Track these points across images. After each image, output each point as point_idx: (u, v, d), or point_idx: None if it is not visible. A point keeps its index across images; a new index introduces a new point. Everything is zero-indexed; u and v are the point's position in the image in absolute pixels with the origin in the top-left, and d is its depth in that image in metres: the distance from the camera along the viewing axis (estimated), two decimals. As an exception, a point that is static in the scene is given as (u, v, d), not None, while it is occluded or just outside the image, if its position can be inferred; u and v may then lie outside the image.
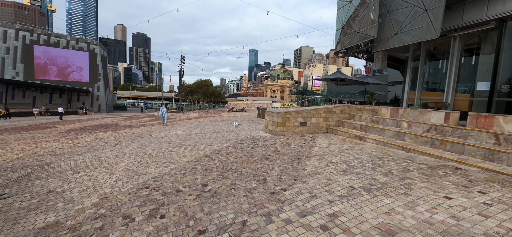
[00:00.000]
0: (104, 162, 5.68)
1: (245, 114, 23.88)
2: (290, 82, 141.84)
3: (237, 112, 28.97)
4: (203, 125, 13.55)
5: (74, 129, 14.27)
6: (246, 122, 14.97)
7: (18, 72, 38.58)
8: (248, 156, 5.90)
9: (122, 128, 13.97)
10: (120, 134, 10.85)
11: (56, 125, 17.07)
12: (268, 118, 9.79)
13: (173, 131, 11.04)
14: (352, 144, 7.67)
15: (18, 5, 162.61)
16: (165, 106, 15.45)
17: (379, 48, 11.33)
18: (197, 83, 37.32)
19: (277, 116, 9.10)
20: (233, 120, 16.51)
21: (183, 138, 8.76)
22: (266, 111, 10.13)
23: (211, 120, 16.87)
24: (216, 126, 12.63)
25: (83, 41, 44.18)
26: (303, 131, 9.84)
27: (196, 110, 36.32)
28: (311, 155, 5.98)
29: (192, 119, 19.43)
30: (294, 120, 9.49)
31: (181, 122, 16.00)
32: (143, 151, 6.74)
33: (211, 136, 9.21)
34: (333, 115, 10.65)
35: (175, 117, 24.45)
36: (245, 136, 9.14)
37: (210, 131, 10.55)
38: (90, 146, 7.87)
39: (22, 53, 38.62)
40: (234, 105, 36.06)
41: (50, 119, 24.39)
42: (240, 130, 10.84)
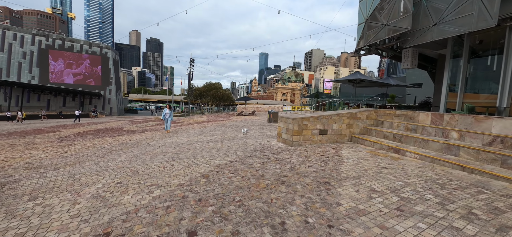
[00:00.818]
0: (76, 182, 4.50)
1: (255, 118, 22.55)
2: (301, 85, 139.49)
3: (246, 116, 27.71)
4: (208, 131, 12.33)
5: (76, 133, 13.51)
6: (256, 128, 13.62)
7: (33, 75, 39.52)
8: (258, 176, 4.53)
9: (123, 133, 13.05)
10: (117, 141, 9.82)
11: (62, 129, 16.51)
12: (281, 124, 8.38)
13: (174, 138, 9.86)
14: (388, 159, 6.10)
15: (41, 13, 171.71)
16: (169, 107, 12.51)
17: (411, 43, 9.66)
18: (206, 86, 36.52)
19: (292, 123, 7.67)
20: (241, 125, 15.21)
21: (182, 148, 7.53)
22: (278, 117, 8.73)
23: (218, 125, 15.66)
24: (222, 133, 11.36)
25: (96, 45, 44.83)
26: (323, 141, 8.33)
27: (204, 114, 35.46)
28: (341, 177, 4.51)
29: (199, 123, 18.34)
30: (312, 127, 8.02)
31: (186, 127, 14.90)
32: (130, 166, 5.53)
33: (215, 145, 7.91)
34: (357, 121, 9.07)
35: (182, 120, 23.54)
36: (254, 146, 7.78)
37: (215, 139, 9.27)
38: (75, 157, 6.80)
39: (38, 58, 39.56)
40: (244, 108, 34.87)
41: (63, 122, 24.20)
42: (249, 138, 9.49)
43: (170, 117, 12.09)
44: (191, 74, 36.00)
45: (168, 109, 12.25)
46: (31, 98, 38.81)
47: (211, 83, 37.42)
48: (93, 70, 44.37)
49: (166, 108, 12.31)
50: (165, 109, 12.23)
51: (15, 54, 37.91)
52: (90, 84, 44.16)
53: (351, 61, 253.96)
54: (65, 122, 25.49)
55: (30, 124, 21.94)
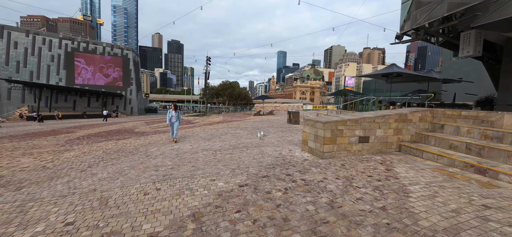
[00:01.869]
0: (18, 217, 3.14)
1: (273, 119, 20.76)
2: (321, 83, 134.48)
3: (264, 115, 26.01)
4: (219, 134, 10.82)
5: (86, 136, 12.85)
6: (275, 131, 11.85)
7: (61, 77, 41.44)
8: (280, 222, 2.80)
9: (131, 135, 12.07)
10: (117, 146, 8.68)
11: (77, 130, 16.20)
12: (308, 129, 6.53)
13: (178, 144, 8.45)
14: (475, 185, 4.02)
15: (73, 20, 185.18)
16: (175, 109, 9.10)
17: (483, 20, 7.24)
18: (222, 84, 35.42)
19: (323, 128, 5.80)
20: (258, 127, 13.54)
21: (182, 160, 6.03)
22: (303, 119, 6.88)
23: (232, 127, 14.14)
24: (235, 137, 9.76)
25: (117, 47, 46.02)
26: (363, 151, 6.35)
27: (221, 114, 34.42)
28: (422, 229, 2.62)
29: (213, 124, 17.02)
30: (350, 133, 6.08)
31: (197, 129, 13.59)
32: (106, 188, 4.11)
33: (223, 156, 6.31)
34: (408, 125, 6.93)
35: (197, 121, 22.51)
36: (273, 157, 6.05)
37: (225, 146, 7.68)
38: (55, 170, 5.61)
39: (65, 60, 41.41)
40: (261, 108, 33.19)
41: (84, 122, 24.46)
42: (266, 145, 7.77)
43: (177, 121, 8.89)
44: (208, 73, 35.15)
45: (173, 111, 8.95)
46: (59, 99, 40.71)
47: (228, 81, 36.26)
48: (114, 71, 45.58)
49: (171, 109, 9.04)
50: (170, 111, 8.94)
51: (44, 58, 39.95)
52: (112, 84, 45.42)
53: (374, 57, 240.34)
54: (85, 122, 25.79)
55: (53, 124, 22.32)
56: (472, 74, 42.05)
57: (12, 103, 37.93)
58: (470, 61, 43.60)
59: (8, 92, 37.54)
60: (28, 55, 39.01)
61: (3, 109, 37.13)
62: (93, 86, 43.49)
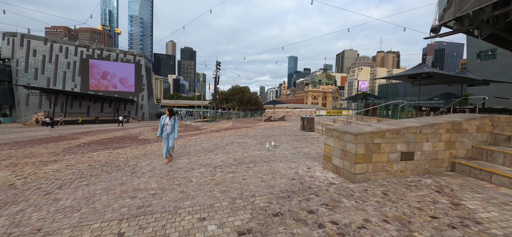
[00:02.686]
0: None
1: (285, 125, 19.33)
2: (333, 87, 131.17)
3: (275, 121, 24.61)
4: (225, 144, 9.59)
5: (89, 143, 12.17)
6: (288, 140, 10.46)
7: (76, 84, 42.42)
8: None
9: (132, 143, 11.15)
10: (110, 157, 7.68)
11: (82, 136, 15.70)
12: (332, 142, 5.10)
13: (173, 159, 7.29)
14: None
15: (93, 30, 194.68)
16: (171, 114, 6.48)
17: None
18: (232, 89, 34.47)
19: (354, 142, 4.36)
20: (269, 135, 12.19)
21: (171, 181, 4.81)
22: (328, 130, 5.45)
23: (241, 135, 12.89)
24: (242, 148, 8.48)
25: (130, 54, 46.71)
26: (407, 171, 4.83)
27: (231, 119, 33.40)
28: None
29: (220, 131, 15.89)
30: (389, 148, 4.59)
31: (203, 137, 12.46)
32: (53, 228, 2.95)
33: (224, 176, 5.03)
34: (462, 136, 5.32)
35: (205, 127, 21.54)
36: (287, 179, 4.69)
37: (228, 161, 6.40)
38: (20, 190, 4.58)
39: (80, 67, 42.43)
40: (272, 113, 31.82)
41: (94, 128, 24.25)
42: (278, 159, 6.42)
43: (173, 132, 6.38)
44: (217, 78, 34.40)
45: (168, 118, 6.39)
46: (73, 105, 41.55)
47: (238, 86, 35.29)
48: (127, 77, 46.16)
49: (164, 116, 6.46)
50: (163, 118, 6.40)
51: (61, 65, 41.10)
52: (124, 91, 45.96)
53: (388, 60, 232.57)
54: (97, 127, 25.61)
55: (64, 130, 22.21)
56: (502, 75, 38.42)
57: (30, 108, 39.11)
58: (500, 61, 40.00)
59: (26, 98, 38.78)
60: (46, 62, 40.30)
61: (21, 114, 38.35)
62: (106, 92, 44.17)
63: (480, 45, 40.45)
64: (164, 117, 6.44)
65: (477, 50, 41.01)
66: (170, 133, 6.41)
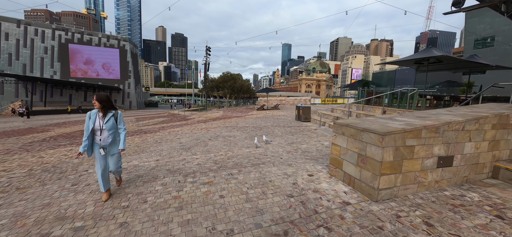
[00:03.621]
0: None
1: (279, 114, 18.00)
2: (327, 75, 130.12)
3: (268, 110, 23.25)
4: (208, 138, 8.17)
5: (58, 136, 10.55)
6: (282, 132, 9.13)
7: (55, 70, 39.47)
8: None
9: None
10: (62, 158, 6.16)
11: (54, 128, 14.00)
12: (343, 142, 3.74)
13: (136, 160, 5.82)
14: None
15: (77, 14, 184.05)
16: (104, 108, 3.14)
17: None
18: (223, 76, 32.55)
19: (381, 145, 3.01)
20: (261, 126, 10.83)
21: (114, 203, 3.41)
22: (337, 125, 4.05)
23: (229, 126, 11.48)
24: (227, 144, 7.10)
25: (114, 38, 43.62)
26: (444, 182, 3.58)
27: (222, 108, 31.77)
28: None
29: (208, 121, 14.41)
30: (424, 152, 3.29)
31: (186, 129, 10.98)
32: None
33: (195, 192, 3.65)
34: (508, 132, 4.09)
35: (193, 116, 19.98)
36: (283, 195, 3.36)
37: (206, 165, 5.02)
38: None
39: (59, 52, 39.32)
40: (266, 102, 30.41)
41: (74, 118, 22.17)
42: (271, 162, 5.08)
43: (113, 144, 3.30)
44: (207, 64, 32.37)
45: (101, 115, 3.15)
46: (54, 93, 38.87)
47: (229, 73, 33.36)
48: (111, 64, 43.36)
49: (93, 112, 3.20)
50: (92, 115, 3.16)
51: (37, 50, 37.93)
52: (109, 78, 43.30)
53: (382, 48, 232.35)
54: (77, 117, 23.53)
55: (39, 121, 20.20)
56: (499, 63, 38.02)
57: (5, 97, 36.23)
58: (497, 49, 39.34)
59: (0, 86, 35.80)
60: (20, 46, 37.02)
61: (-4, 104, 35.52)
62: (89, 80, 41.43)
63: (479, 32, 39.65)
64: (92, 114, 3.16)
65: (475, 38, 40.21)
66: (109, 145, 3.24)
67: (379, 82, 20.54)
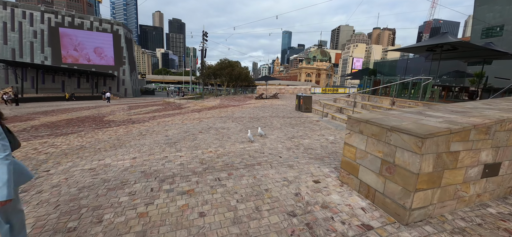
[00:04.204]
0: None
1: (278, 104, 17.14)
2: (328, 64, 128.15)
3: (267, 99, 22.35)
4: (199, 130, 7.35)
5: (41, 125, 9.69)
6: (281, 123, 8.32)
7: (46, 56, 37.92)
8: None
9: (89, 127, 8.71)
10: (27, 154, 5.34)
11: (42, 117, 13.17)
12: (361, 144, 2.93)
13: (111, 158, 5.00)
14: None
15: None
16: None
17: None
18: (220, 63, 31.24)
19: (419, 152, 2.22)
20: (258, 116, 9.99)
21: (58, 222, 2.61)
22: (353, 121, 3.23)
23: (224, 116, 10.64)
24: (218, 138, 6.28)
25: (106, 22, 41.71)
26: (485, 196, 2.81)
27: (220, 96, 30.76)
28: None
29: (202, 111, 13.55)
30: (470, 159, 2.50)
31: (177, 119, 10.13)
32: None
33: (168, 206, 2.86)
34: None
35: (188, 105, 19.08)
36: (282, 212, 2.58)
37: (189, 167, 4.22)
38: None
39: (49, 36, 37.60)
40: (264, 90, 29.44)
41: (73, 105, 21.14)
42: (268, 162, 4.29)
43: None
44: (204, 50, 31.02)
45: None
46: (46, 80, 37.53)
47: (226, 60, 32.03)
48: (104, 49, 41.77)
49: None
50: None
51: (26, 33, 36.22)
52: (103, 64, 41.85)
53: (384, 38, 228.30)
54: (68, 105, 22.51)
55: (29, 108, 19.25)
56: (508, 53, 36.84)
57: (-5, 83, 34.91)
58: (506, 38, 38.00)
59: (-11, 71, 34.39)
60: (8, 30, 35.26)
61: (-15, 90, 34.24)
62: (82, 66, 39.96)
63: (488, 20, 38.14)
64: None
65: (482, 27, 38.74)
66: None
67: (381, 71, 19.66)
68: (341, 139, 6.08)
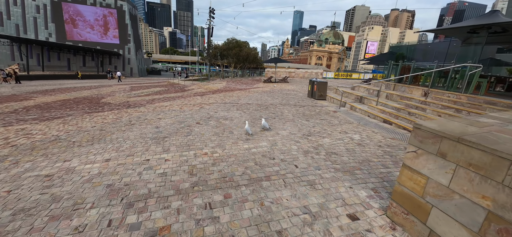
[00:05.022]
0: None
1: (288, 89, 15.81)
2: (340, 47, 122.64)
3: (276, 83, 20.96)
4: (197, 119, 6.30)
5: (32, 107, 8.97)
6: (293, 114, 7.15)
7: (50, 32, 37.18)
8: None
9: (83, 109, 7.85)
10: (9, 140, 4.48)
11: (39, 96, 12.60)
12: (442, 174, 1.80)
13: (78, 159, 4.02)
14: None
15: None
16: None
17: None
18: (228, 43, 29.50)
19: None
20: (266, 103, 8.82)
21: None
22: (432, 137, 2.39)
23: (229, 103, 9.53)
24: (217, 134, 5.21)
25: (110, -4, 40.07)
26: None
27: (226, 78, 29.44)
28: None
29: (205, 95, 12.47)
30: None
31: (177, 104, 9.11)
32: None
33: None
34: None
35: (192, 88, 18.03)
36: None
37: (172, 180, 3.18)
38: None
39: (52, 12, 36.59)
40: (273, 73, 27.89)
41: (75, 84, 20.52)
42: (279, 174, 3.21)
43: None
44: (211, 29, 29.30)
45: None
46: (51, 57, 37.14)
47: (234, 39, 30.21)
48: (108, 26, 40.56)
49: None
50: None
51: (29, 8, 35.31)
52: (107, 42, 40.87)
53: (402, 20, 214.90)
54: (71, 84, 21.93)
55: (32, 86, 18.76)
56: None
57: (1, 60, 34.75)
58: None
59: (-5, 47, 34.11)
60: (10, 4, 34.41)
61: (-8, 66, 34.21)
62: (87, 43, 39.12)
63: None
64: None
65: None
66: None
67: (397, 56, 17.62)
68: (369, 139, 4.91)
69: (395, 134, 5.50)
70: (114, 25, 40.46)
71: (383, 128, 6.10)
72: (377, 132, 5.56)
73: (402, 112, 7.19)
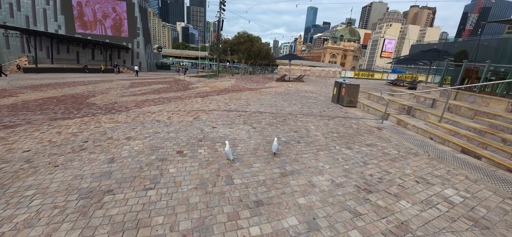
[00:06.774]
0: None
1: (304, 89, 13.47)
2: (355, 45, 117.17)
3: (290, 82, 18.62)
4: (183, 142, 4.24)
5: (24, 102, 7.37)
6: (323, 132, 4.91)
7: (60, 24, 36.54)
8: None
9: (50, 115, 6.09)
10: None
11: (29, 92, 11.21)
12: None
13: None
14: None
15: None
16: None
17: None
18: (237, 37, 27.31)
19: None
20: (283, 107, 6.61)
21: None
22: None
23: (234, 110, 7.42)
24: (203, 179, 3.10)
25: (119, -12, 38.93)
26: None
27: (236, 75, 27.34)
28: None
29: (209, 95, 10.45)
30: None
31: (170, 107, 7.15)
32: None
33: None
34: None
35: (197, 86, 16.12)
36: None
37: None
38: None
39: (61, 3, 35.88)
40: (287, 71, 25.48)
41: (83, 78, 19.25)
42: None
43: None
44: (221, 22, 27.25)
45: None
46: (60, 50, 36.58)
47: (245, 33, 27.92)
48: (118, 19, 39.51)
49: None
50: None
51: (38, 0, 34.71)
52: (116, 35, 39.90)
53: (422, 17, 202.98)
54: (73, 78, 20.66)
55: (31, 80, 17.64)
56: None
57: (12, 52, 34.53)
58: None
59: (6, 40, 33.86)
60: (21, -5, 33.95)
61: (3, 59, 34.05)
62: (96, 36, 38.29)
63: None
64: None
65: None
66: None
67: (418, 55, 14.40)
68: (477, 201, 2.64)
69: (508, 185, 3.17)
70: (124, 18, 39.33)
71: (472, 166, 3.78)
72: (479, 182, 3.25)
73: (488, 136, 4.81)
